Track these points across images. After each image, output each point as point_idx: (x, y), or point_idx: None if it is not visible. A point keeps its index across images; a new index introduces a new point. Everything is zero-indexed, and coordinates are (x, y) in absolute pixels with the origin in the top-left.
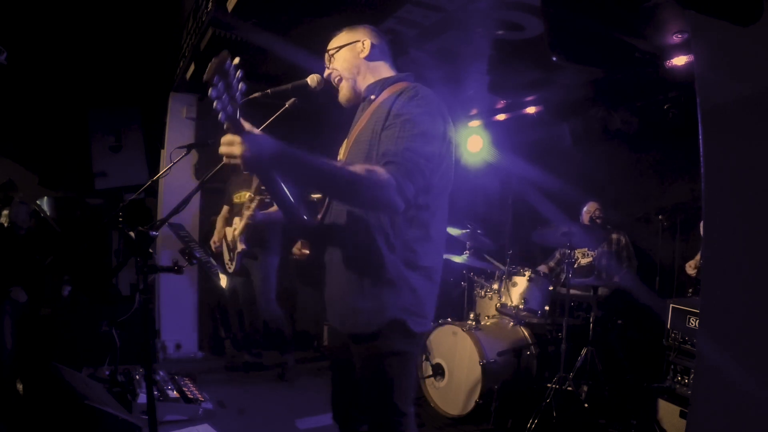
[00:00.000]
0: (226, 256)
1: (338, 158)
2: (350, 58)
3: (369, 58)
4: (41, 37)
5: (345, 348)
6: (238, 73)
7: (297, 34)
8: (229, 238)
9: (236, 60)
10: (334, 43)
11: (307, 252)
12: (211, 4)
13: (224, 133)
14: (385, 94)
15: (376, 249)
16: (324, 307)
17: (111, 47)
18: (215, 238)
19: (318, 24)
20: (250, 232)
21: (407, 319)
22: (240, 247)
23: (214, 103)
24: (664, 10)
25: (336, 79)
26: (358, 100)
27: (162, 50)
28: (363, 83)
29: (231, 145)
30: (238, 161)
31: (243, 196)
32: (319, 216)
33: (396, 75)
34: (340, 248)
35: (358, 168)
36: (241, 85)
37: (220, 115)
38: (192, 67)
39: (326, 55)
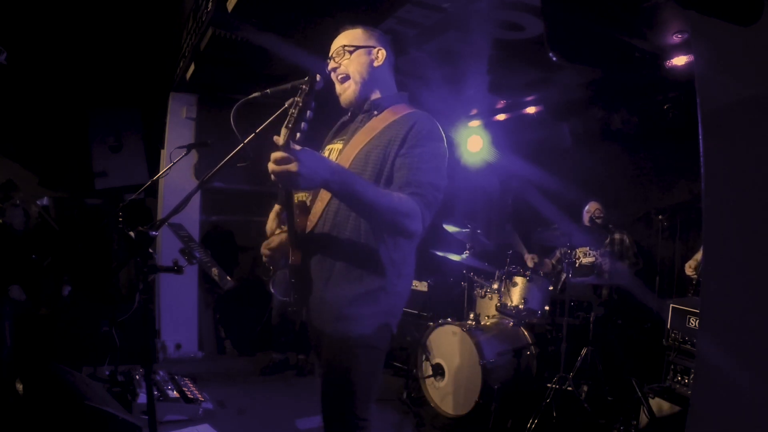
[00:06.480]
0: None
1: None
2: (364, 62)
3: (380, 69)
4: (41, 38)
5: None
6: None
7: (297, 34)
8: None
9: (318, 77)
10: (350, 40)
11: (298, 261)
12: (211, 4)
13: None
14: (389, 116)
15: (377, 258)
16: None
17: (111, 47)
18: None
19: (318, 24)
20: None
21: (391, 322)
22: None
23: (302, 124)
24: (664, 10)
25: (340, 77)
26: (358, 106)
27: (162, 50)
28: (367, 91)
29: (285, 163)
30: (291, 178)
31: (303, 195)
32: (309, 224)
33: (397, 94)
34: (338, 256)
35: (396, 197)
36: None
37: (296, 134)
38: (192, 67)
39: (339, 49)
